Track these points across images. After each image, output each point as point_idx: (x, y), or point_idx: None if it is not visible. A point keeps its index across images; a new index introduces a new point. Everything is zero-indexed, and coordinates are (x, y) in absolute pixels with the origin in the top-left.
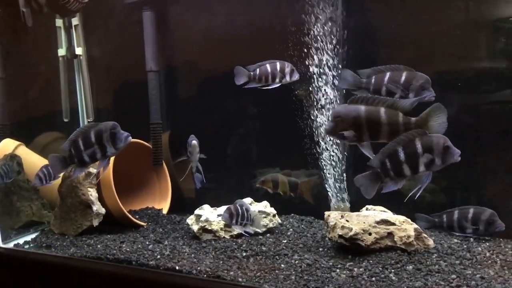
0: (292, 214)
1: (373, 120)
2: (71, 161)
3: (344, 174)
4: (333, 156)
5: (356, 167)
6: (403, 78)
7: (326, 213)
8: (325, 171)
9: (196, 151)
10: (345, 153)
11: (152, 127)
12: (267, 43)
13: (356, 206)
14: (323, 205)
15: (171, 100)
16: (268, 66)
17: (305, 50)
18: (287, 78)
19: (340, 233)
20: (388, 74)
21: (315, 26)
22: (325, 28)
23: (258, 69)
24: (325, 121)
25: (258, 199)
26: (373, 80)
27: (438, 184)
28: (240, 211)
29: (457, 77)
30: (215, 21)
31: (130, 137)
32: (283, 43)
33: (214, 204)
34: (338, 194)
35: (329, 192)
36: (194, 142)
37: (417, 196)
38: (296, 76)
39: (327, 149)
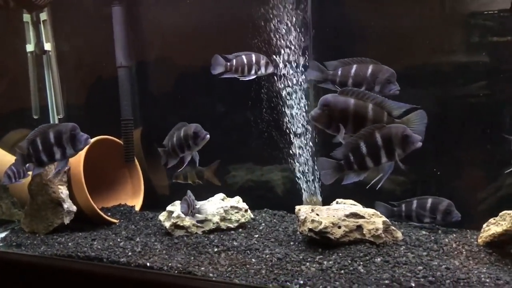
0: (265, 209)
1: (360, 115)
2: (29, 159)
3: (316, 168)
4: (304, 150)
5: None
6: (369, 71)
7: (297, 207)
8: (296, 165)
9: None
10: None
11: (123, 123)
12: (239, 37)
13: (329, 199)
14: (296, 199)
15: (143, 96)
16: (244, 57)
17: (274, 44)
18: (262, 70)
19: (310, 227)
20: (354, 67)
21: (285, 19)
22: (294, 20)
23: (234, 60)
24: (296, 116)
25: (230, 194)
26: (339, 72)
27: (408, 177)
28: (192, 202)
29: (426, 71)
30: (187, 15)
31: (90, 139)
32: (254, 37)
33: None
34: (310, 188)
35: (301, 186)
36: (208, 136)
37: (379, 185)
38: (270, 69)
39: (299, 144)
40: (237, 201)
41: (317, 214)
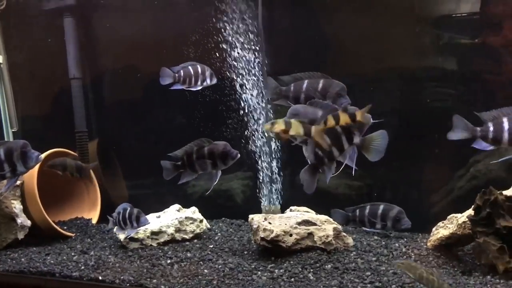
0: (223, 218)
1: None
2: None
3: (276, 177)
4: (264, 159)
5: (289, 170)
6: (320, 85)
7: (251, 216)
8: (257, 173)
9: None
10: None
11: (77, 135)
12: (192, 48)
13: (288, 207)
14: (256, 207)
15: (99, 108)
16: (190, 68)
17: (227, 53)
18: (208, 81)
19: (262, 236)
20: (306, 82)
21: (237, 29)
22: (247, 31)
23: (182, 71)
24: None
25: (190, 204)
26: (292, 88)
27: (364, 182)
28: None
29: (375, 77)
30: (142, 25)
31: (41, 156)
32: (206, 48)
33: (146, 211)
34: (269, 196)
35: (260, 195)
36: (239, 155)
37: (353, 171)
38: (214, 80)
39: (259, 152)
40: (193, 211)
41: (270, 223)
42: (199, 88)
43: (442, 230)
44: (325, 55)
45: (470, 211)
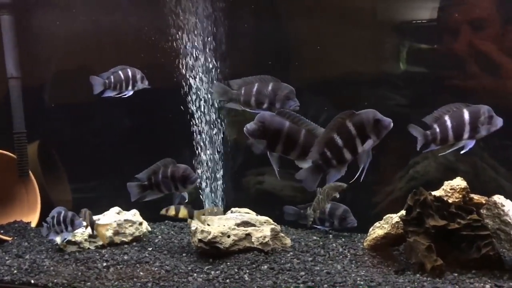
0: (166, 221)
1: (292, 138)
2: None
3: (220, 178)
4: (208, 160)
5: (235, 171)
6: (269, 89)
7: (189, 219)
8: (200, 175)
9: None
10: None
11: (15, 136)
12: (137, 47)
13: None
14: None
15: (40, 108)
16: (121, 73)
17: (177, 53)
18: (139, 85)
19: (199, 237)
20: (256, 86)
21: (185, 27)
22: (197, 29)
23: (112, 77)
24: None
25: (134, 207)
26: (242, 91)
27: None
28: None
29: (314, 82)
30: (84, 24)
31: None
32: (152, 47)
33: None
34: (212, 198)
35: (203, 197)
36: (198, 179)
37: (362, 177)
38: (146, 83)
39: (203, 154)
40: (134, 214)
41: (208, 224)
42: (131, 93)
43: (378, 230)
44: (282, 59)
45: (403, 212)
